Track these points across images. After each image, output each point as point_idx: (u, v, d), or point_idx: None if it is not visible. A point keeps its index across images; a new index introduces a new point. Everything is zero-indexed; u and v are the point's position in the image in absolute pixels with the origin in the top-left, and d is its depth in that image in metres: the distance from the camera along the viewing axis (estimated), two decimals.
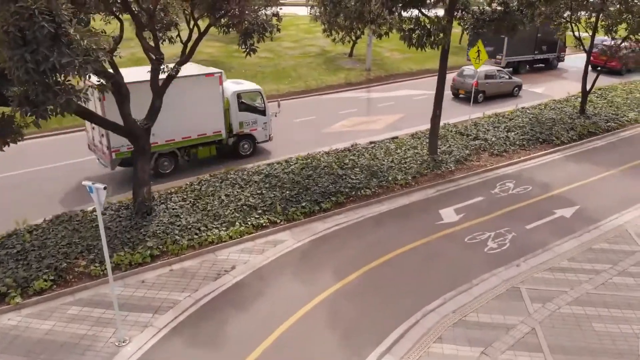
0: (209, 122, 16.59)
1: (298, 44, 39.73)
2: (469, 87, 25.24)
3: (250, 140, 18.19)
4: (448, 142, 19.23)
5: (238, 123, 17.56)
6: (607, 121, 22.12)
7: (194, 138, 16.48)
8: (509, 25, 16.24)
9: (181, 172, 16.82)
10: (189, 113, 15.86)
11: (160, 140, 15.62)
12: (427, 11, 14.65)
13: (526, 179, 16.75)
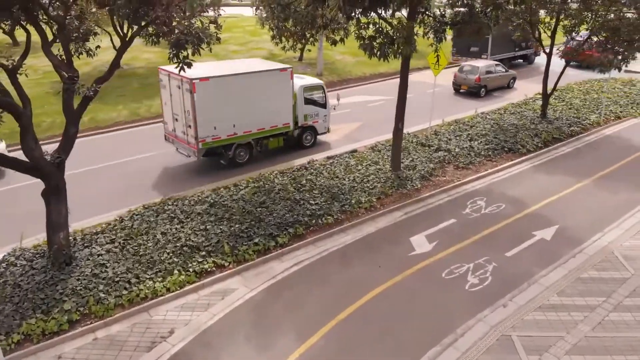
0: (280, 115, 17.46)
1: (244, 47, 37.55)
2: (471, 83, 26.74)
3: (313, 131, 19.10)
4: (410, 155, 17.75)
5: (303, 115, 18.44)
6: (569, 125, 21.36)
7: (267, 130, 17.27)
8: (473, 28, 14.86)
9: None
10: (264, 106, 16.67)
11: (239, 132, 16.49)
12: (390, 16, 13.02)
13: (497, 196, 15.48)
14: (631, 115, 23.84)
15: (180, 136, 16.36)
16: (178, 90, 15.55)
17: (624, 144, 20.23)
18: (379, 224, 13.69)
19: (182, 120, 15.89)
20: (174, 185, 15.65)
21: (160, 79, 16.73)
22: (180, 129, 16.27)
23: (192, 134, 15.56)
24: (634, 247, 12.57)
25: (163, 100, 16.98)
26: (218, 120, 15.72)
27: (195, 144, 15.61)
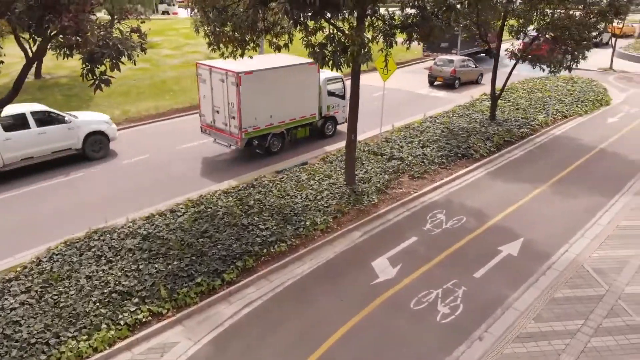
0: (309, 106, 18.64)
1: (179, 51, 35.42)
2: (447, 75, 28.69)
3: (333, 121, 20.28)
4: (364, 166, 16.68)
5: (326, 106, 19.63)
6: (519, 127, 21.06)
7: (297, 120, 18.36)
8: (425, 31, 13.91)
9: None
10: (296, 98, 17.80)
11: (275, 122, 17.58)
12: (342, 22, 11.80)
13: (457, 207, 14.67)
14: (577, 113, 23.99)
15: (221, 127, 17.34)
16: (221, 84, 16.56)
17: (574, 144, 20.14)
18: (338, 247, 12.48)
19: (223, 112, 16.91)
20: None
21: (200, 73, 17.51)
22: (221, 121, 17.25)
23: (236, 125, 16.64)
24: (603, 258, 12.05)
25: (201, 94, 17.84)
26: (258, 111, 16.94)
27: (239, 133, 16.71)
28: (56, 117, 16.93)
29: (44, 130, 16.38)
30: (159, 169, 17.21)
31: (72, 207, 14.33)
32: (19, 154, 15.93)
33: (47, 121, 16.74)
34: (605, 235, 13.09)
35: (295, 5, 9.35)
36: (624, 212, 14.36)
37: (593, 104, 25.34)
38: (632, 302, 10.39)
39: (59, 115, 17.04)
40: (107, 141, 18.15)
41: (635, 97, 27.70)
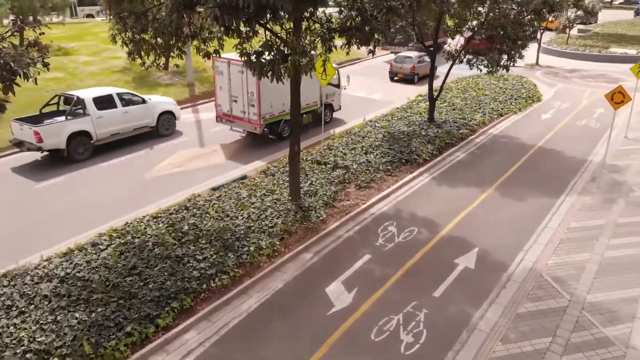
0: (312, 94, 20.36)
1: (98, 57, 32.78)
2: (407, 71, 30.34)
3: (330, 108, 22.25)
4: (308, 178, 15.68)
5: (325, 95, 21.07)
6: (458, 128, 20.87)
7: (303, 107, 18.67)
8: (366, 35, 13.08)
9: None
10: (303, 87, 17.46)
11: (286, 109, 18.37)
12: (280, 27, 10.63)
13: (407, 218, 14.01)
14: (511, 111, 24.26)
15: (239, 115, 18.91)
16: (241, 75, 17.94)
17: (513, 143, 20.18)
18: (287, 273, 11.37)
19: (242, 101, 18.40)
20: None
21: (217, 66, 18.72)
22: (239, 109, 18.79)
23: (255, 112, 18.27)
24: (559, 265, 11.75)
25: (218, 85, 19.13)
26: (273, 99, 18.44)
27: (258, 120, 18.34)
28: (136, 98, 19.45)
29: (127, 110, 18.88)
30: (79, 191, 15.34)
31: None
32: (108, 130, 18.42)
33: (129, 101, 19.11)
34: (557, 239, 12.86)
35: (227, 10, 8.14)
36: (571, 213, 14.27)
37: (526, 100, 25.79)
38: (596, 312, 10.06)
39: (138, 96, 19.63)
40: (175, 120, 20.92)
41: (563, 92, 28.58)
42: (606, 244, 12.63)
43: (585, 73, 33.88)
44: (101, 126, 18.10)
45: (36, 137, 16.46)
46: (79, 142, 17.51)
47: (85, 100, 17.66)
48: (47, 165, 17.48)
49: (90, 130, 17.77)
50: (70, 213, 14.08)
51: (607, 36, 46.70)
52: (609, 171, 17.01)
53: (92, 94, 18.19)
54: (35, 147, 16.73)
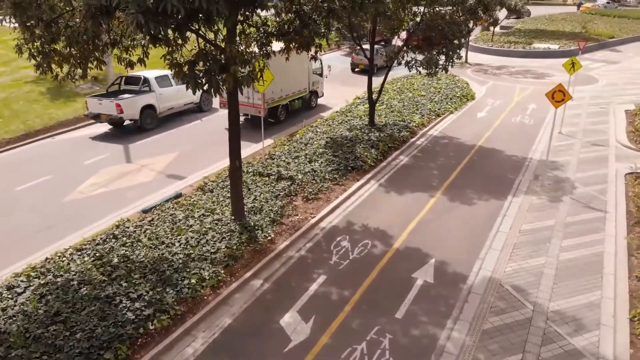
0: (302, 82, 23.25)
1: (8, 67, 29.75)
2: (367, 62, 28.85)
3: (316, 95, 24.78)
4: (251, 192, 14.59)
5: (312, 82, 23.93)
6: (399, 130, 20.49)
7: (296, 93, 22.81)
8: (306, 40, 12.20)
9: None
10: (295, 76, 22.21)
11: (283, 95, 21.93)
12: (214, 34, 9.43)
13: (359, 230, 13.30)
14: (447, 110, 24.30)
15: (244, 102, 19.76)
16: None
17: (454, 144, 20.08)
18: (236, 306, 10.26)
19: (245, 88, 20.15)
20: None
21: None
22: (244, 96, 19.57)
23: (259, 98, 20.17)
24: (517, 272, 11.45)
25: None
26: (274, 87, 20.57)
27: (262, 104, 20.33)
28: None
29: (178, 88, 21.82)
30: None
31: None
32: (167, 104, 22.04)
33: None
34: (511, 244, 12.62)
35: (152, 16, 6.94)
36: (521, 214, 14.15)
37: (460, 99, 25.99)
38: (561, 322, 9.78)
39: None
40: (212, 98, 24.20)
41: (494, 89, 29.17)
42: (559, 245, 12.53)
43: (513, 69, 34.95)
44: (162, 101, 21.71)
45: (118, 108, 20.01)
46: (147, 114, 21.12)
47: (150, 79, 21.34)
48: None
49: (155, 104, 21.42)
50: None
51: (528, 32, 48.76)
52: (550, 168, 17.19)
53: (154, 74, 21.59)
54: (117, 118, 20.13)
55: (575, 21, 56.69)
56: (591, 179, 16.48)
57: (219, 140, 19.03)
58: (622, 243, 12.52)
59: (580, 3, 77.56)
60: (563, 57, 39.26)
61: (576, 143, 20.00)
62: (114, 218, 13.57)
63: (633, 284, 10.87)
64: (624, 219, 13.79)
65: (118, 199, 14.94)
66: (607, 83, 30.71)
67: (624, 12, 68.43)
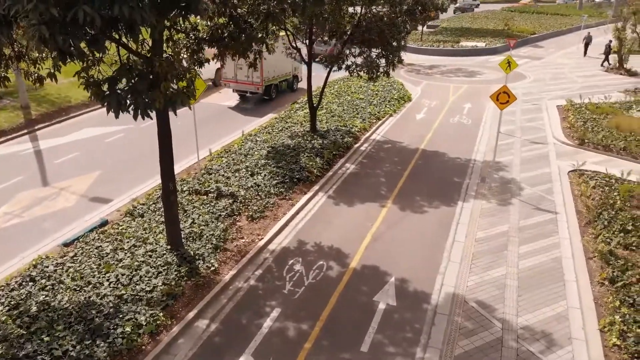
0: (288, 67, 26.95)
1: None
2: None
3: (297, 79, 28.18)
4: (188, 215, 13.22)
5: (294, 67, 27.48)
6: (342, 136, 19.72)
7: (283, 75, 26.72)
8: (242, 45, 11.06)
9: None
10: (283, 62, 25.51)
11: (275, 76, 25.65)
12: (138, 45, 8.01)
13: (312, 250, 12.32)
14: (387, 113, 23.86)
15: (243, 80, 24.60)
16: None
17: (397, 148, 19.59)
18: (179, 355, 8.94)
19: (246, 69, 23.24)
20: None
21: None
22: (243, 75, 24.40)
23: (258, 76, 24.28)
24: (480, 285, 10.94)
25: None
26: (269, 69, 24.48)
27: (261, 82, 24.39)
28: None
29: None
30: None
31: None
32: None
33: None
34: (469, 254, 12.13)
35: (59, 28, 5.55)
36: (473, 221, 13.76)
37: (398, 102, 25.66)
38: (532, 339, 9.31)
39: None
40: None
41: (428, 89, 29.17)
42: (517, 252, 12.19)
43: (444, 68, 35.31)
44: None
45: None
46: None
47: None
48: None
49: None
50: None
51: (454, 30, 49.85)
52: (495, 170, 17.05)
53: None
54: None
55: (497, 19, 58.80)
56: (536, 178, 16.48)
57: (148, 153, 17.41)
58: (578, 246, 12.39)
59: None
60: (490, 55, 40.58)
61: (516, 142, 20.12)
62: (31, 255, 11.77)
63: (596, 290, 10.65)
64: (575, 219, 13.75)
65: (34, 231, 13.06)
66: (535, 79, 31.65)
67: (541, 8, 72.01)
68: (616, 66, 33.89)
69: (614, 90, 28.16)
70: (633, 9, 27.34)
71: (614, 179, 15.81)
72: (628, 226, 12.76)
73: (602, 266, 11.39)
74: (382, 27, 16.87)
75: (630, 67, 33.00)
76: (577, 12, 68.50)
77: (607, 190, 14.91)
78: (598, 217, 13.34)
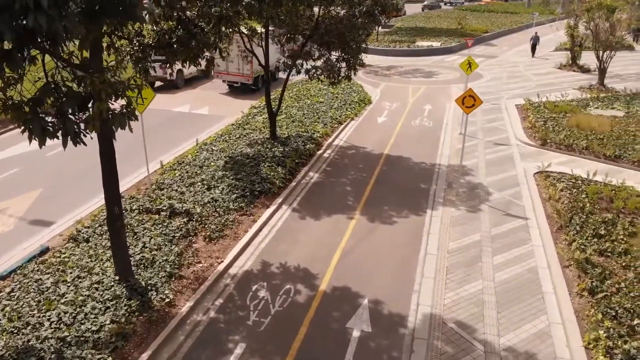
0: (274, 59, 23.15)
1: None
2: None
3: (277, 69, 25.14)
4: (138, 238, 12.07)
5: (277, 59, 22.00)
6: (304, 143, 18.86)
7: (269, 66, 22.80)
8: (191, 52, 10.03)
9: None
10: (270, 56, 20.42)
11: (261, 69, 21.22)
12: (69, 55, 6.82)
13: (278, 273, 11.41)
14: (349, 117, 23.19)
15: (234, 72, 27.40)
16: (236, 43, 22.01)
17: (361, 154, 18.92)
18: None
19: (236, 62, 26.59)
20: None
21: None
22: (234, 67, 27.19)
23: (249, 69, 26.98)
24: (456, 303, 10.34)
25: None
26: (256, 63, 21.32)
27: (251, 74, 27.15)
28: None
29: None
30: None
31: None
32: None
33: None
34: (443, 268, 11.54)
35: None
36: (444, 231, 13.21)
37: (359, 105, 25.04)
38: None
39: None
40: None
41: (388, 91, 28.72)
42: (491, 264, 11.69)
43: (402, 69, 35.03)
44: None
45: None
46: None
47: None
48: None
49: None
50: None
51: (409, 30, 49.89)
52: (461, 174, 16.62)
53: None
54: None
55: (449, 18, 59.41)
56: (503, 182, 16.15)
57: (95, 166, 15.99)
58: (552, 254, 12.01)
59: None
60: (445, 54, 40.68)
61: (479, 144, 19.84)
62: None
63: (576, 302, 10.24)
64: (546, 224, 13.43)
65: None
66: (492, 78, 31.79)
67: (491, 6, 73.43)
68: (569, 63, 34.52)
69: (569, 87, 28.55)
70: (586, 6, 27.69)
71: (580, 180, 15.65)
72: (600, 230, 12.51)
73: (580, 275, 11.02)
74: (341, 29, 16.11)
75: (583, 63, 33.67)
76: (526, 10, 70.26)
77: (575, 193, 14.70)
78: (569, 222, 13.04)
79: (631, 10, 27.60)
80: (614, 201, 14.22)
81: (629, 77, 31.83)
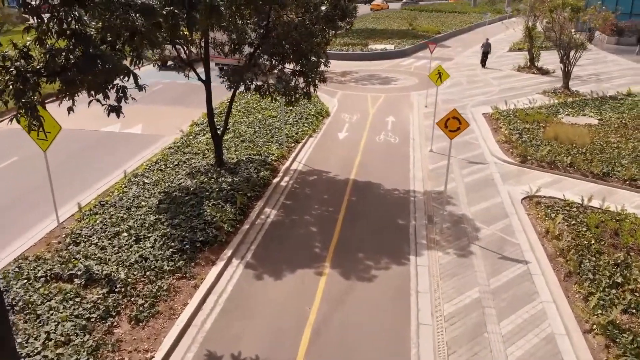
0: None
1: None
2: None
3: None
4: (40, 323, 8.93)
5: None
6: (257, 170, 16.02)
7: None
8: (97, 79, 7.09)
9: None
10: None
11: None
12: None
13: None
14: (306, 133, 20.52)
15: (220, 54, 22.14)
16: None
17: (324, 181, 16.31)
18: None
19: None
20: None
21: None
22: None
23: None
24: None
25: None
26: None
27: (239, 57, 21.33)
28: None
29: None
30: None
31: None
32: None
33: None
34: (443, 344, 9.12)
35: None
36: (436, 288, 10.81)
37: (317, 117, 22.45)
38: None
39: None
40: None
41: (345, 100, 26.30)
42: (500, 334, 9.37)
43: (357, 75, 32.73)
44: None
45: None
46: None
47: None
48: None
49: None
50: None
51: (361, 32, 47.78)
52: (440, 204, 14.34)
53: None
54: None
55: (399, 18, 57.94)
56: (489, 212, 14.02)
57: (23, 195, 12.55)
58: (567, 313, 9.85)
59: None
60: (400, 57, 38.74)
61: (453, 163, 17.67)
62: None
63: None
64: (551, 269, 11.30)
65: None
66: (452, 84, 29.93)
67: (438, 6, 72.77)
68: (527, 65, 33.36)
69: (533, 92, 27.18)
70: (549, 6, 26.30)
71: (576, 207, 13.74)
72: (617, 278, 10.48)
73: (607, 344, 8.87)
74: (296, 37, 13.42)
75: (542, 65, 32.56)
76: (473, 9, 70.02)
77: (574, 225, 12.73)
78: (579, 267, 10.96)
79: (595, 11, 26.39)
80: (618, 234, 12.33)
81: (589, 78, 30.96)
